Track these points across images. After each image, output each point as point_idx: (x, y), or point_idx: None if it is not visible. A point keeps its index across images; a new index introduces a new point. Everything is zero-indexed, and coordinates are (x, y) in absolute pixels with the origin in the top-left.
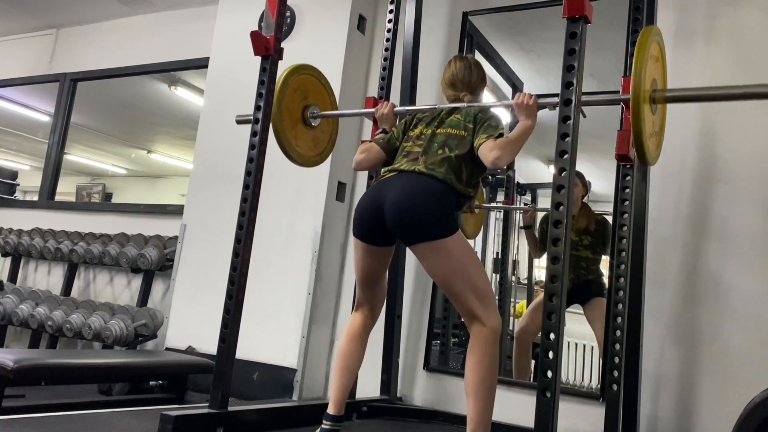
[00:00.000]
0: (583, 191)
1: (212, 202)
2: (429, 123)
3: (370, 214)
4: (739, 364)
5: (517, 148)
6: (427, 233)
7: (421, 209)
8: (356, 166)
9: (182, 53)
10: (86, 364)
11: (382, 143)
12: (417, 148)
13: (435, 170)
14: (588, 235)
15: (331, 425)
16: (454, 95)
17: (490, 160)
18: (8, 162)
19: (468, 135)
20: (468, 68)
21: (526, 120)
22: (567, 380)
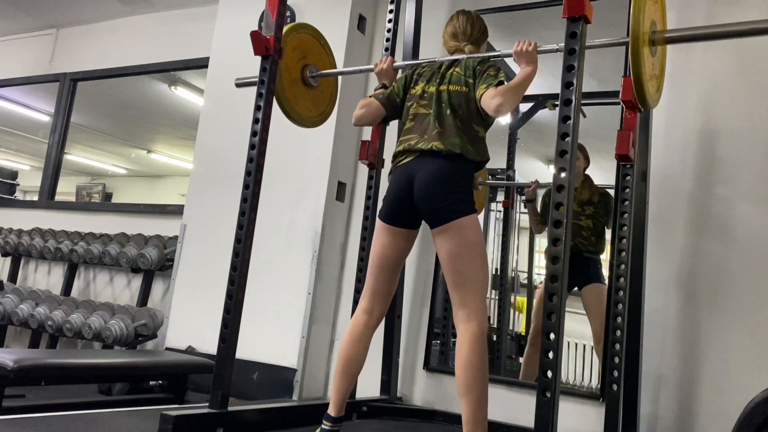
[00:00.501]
0: (585, 164)
1: (212, 202)
2: (430, 79)
3: (404, 195)
4: (739, 365)
5: (519, 94)
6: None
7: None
8: (356, 121)
9: (182, 53)
10: (86, 364)
11: (382, 99)
12: (423, 109)
13: (451, 145)
14: (591, 206)
15: (332, 426)
16: (456, 46)
17: (492, 107)
18: (8, 162)
19: (470, 91)
20: (470, 21)
21: (526, 66)
22: (567, 380)
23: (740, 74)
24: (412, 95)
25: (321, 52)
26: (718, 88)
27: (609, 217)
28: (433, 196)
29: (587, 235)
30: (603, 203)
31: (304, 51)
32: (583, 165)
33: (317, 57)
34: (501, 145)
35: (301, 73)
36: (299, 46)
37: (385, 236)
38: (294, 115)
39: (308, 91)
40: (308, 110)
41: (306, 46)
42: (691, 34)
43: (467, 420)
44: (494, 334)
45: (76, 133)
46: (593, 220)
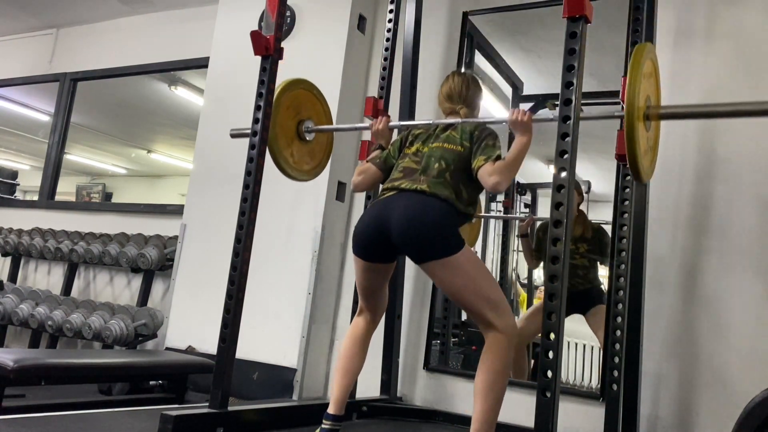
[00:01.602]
0: (579, 199)
1: (212, 202)
2: (425, 140)
3: (374, 233)
4: (739, 364)
5: (515, 169)
6: (436, 252)
7: (428, 229)
8: (354, 188)
9: (182, 53)
10: (86, 364)
11: (379, 163)
12: (414, 164)
13: (437, 189)
14: (584, 243)
15: (332, 425)
16: (451, 108)
17: (490, 185)
18: (8, 162)
19: (465, 151)
20: (465, 83)
21: (521, 137)
22: (567, 380)
23: (740, 74)
24: (405, 154)
25: (315, 103)
26: (718, 88)
27: (604, 253)
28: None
29: (583, 273)
30: (597, 239)
31: (298, 107)
32: (577, 200)
33: (312, 109)
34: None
35: (296, 128)
36: (293, 103)
37: (362, 269)
38: (292, 172)
39: (304, 146)
40: (306, 164)
41: (300, 101)
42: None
43: (477, 419)
44: None
45: (76, 132)
46: (588, 258)
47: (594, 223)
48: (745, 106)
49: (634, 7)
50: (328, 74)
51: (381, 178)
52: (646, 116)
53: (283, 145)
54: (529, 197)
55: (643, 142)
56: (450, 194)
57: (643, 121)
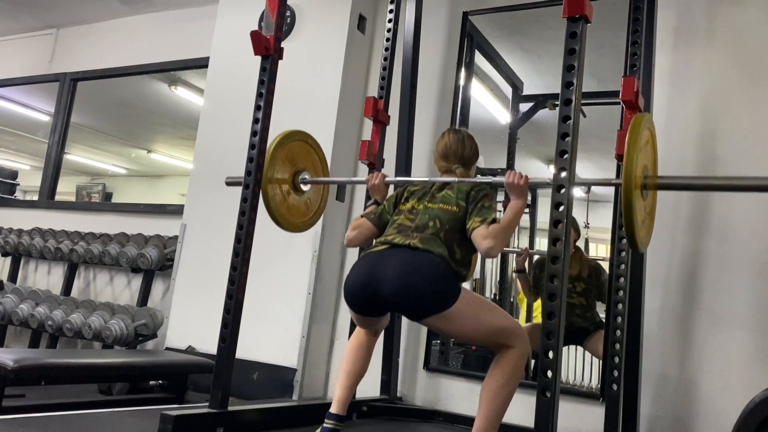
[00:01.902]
0: (576, 236)
1: (212, 202)
2: (421, 197)
3: (366, 291)
4: (739, 364)
5: (510, 233)
6: (433, 308)
7: (422, 288)
8: (348, 243)
9: (182, 53)
10: (86, 364)
11: (374, 218)
12: (408, 222)
13: (429, 246)
14: (581, 282)
15: (334, 424)
16: (446, 167)
17: (483, 249)
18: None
19: (460, 211)
20: (461, 141)
21: (516, 200)
22: (567, 380)
23: (740, 74)
24: (400, 210)
25: (310, 152)
26: (718, 89)
27: (601, 292)
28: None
29: (581, 312)
30: (594, 278)
31: (293, 159)
32: (574, 237)
33: (307, 159)
34: (501, 144)
35: (292, 181)
36: (288, 155)
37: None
38: (289, 226)
39: (300, 197)
40: (302, 215)
41: (294, 153)
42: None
43: (481, 420)
44: None
45: (76, 132)
46: (585, 297)
47: (591, 259)
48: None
49: (634, 7)
50: (328, 74)
51: (375, 234)
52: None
53: (280, 201)
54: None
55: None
56: (443, 252)
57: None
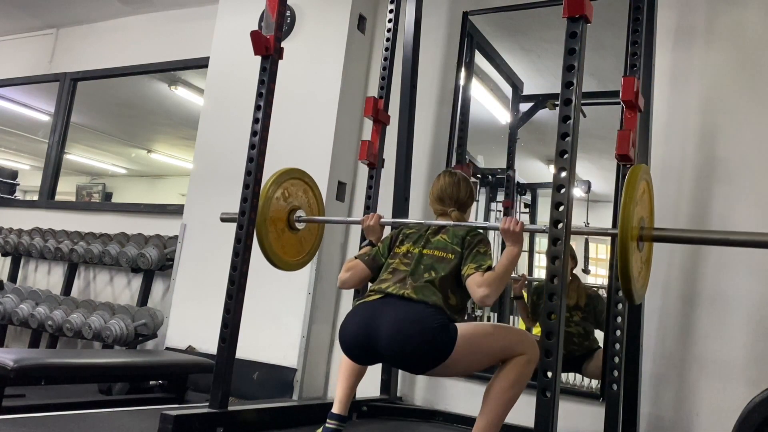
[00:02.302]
0: (573, 264)
1: (212, 202)
2: (416, 241)
3: (363, 345)
4: (739, 364)
5: (505, 281)
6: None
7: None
8: (341, 284)
9: (182, 53)
10: (86, 364)
11: (368, 260)
12: (403, 267)
13: (424, 295)
14: (578, 311)
15: (336, 424)
16: (442, 209)
17: (478, 297)
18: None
19: (455, 258)
20: (456, 184)
21: (512, 246)
22: (567, 380)
23: (740, 74)
24: (395, 253)
25: (307, 190)
26: (718, 88)
27: (599, 320)
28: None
29: (579, 341)
30: (591, 307)
31: (288, 197)
32: (571, 265)
33: (302, 197)
34: (501, 144)
35: (287, 218)
36: (283, 194)
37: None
38: (281, 264)
39: (295, 235)
40: (296, 254)
41: (290, 190)
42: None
43: (482, 419)
44: None
45: (76, 132)
46: (583, 326)
47: (589, 288)
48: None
49: (634, 7)
50: (328, 74)
51: (369, 277)
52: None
53: (274, 238)
54: (529, 197)
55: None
56: (438, 300)
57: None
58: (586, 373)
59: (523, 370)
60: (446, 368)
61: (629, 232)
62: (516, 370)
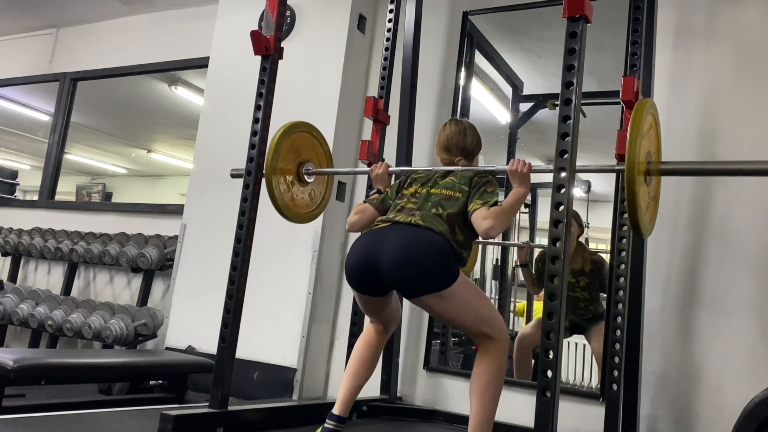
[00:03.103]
0: (579, 231)
1: (212, 202)
2: (424, 183)
3: (366, 267)
4: (738, 364)
5: (510, 217)
6: (431, 287)
7: (422, 264)
8: (350, 227)
9: (182, 53)
10: (86, 364)
11: (377, 204)
12: (411, 204)
13: (431, 224)
14: (584, 276)
15: (335, 425)
16: (449, 159)
17: (482, 229)
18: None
19: (462, 197)
20: (463, 132)
21: (519, 187)
22: (567, 380)
23: (740, 74)
24: (403, 194)
25: (315, 143)
26: (718, 88)
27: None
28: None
29: (584, 306)
30: (596, 271)
31: (298, 150)
32: (577, 232)
33: (311, 150)
34: (501, 144)
35: (297, 171)
36: (293, 146)
37: (359, 298)
38: (293, 216)
39: (305, 188)
40: (306, 206)
41: (299, 143)
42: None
43: (474, 419)
44: None
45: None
46: (588, 291)
47: (593, 253)
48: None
49: (634, 7)
50: (328, 74)
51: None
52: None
53: (284, 190)
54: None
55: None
56: (445, 230)
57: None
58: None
59: (500, 360)
60: (438, 301)
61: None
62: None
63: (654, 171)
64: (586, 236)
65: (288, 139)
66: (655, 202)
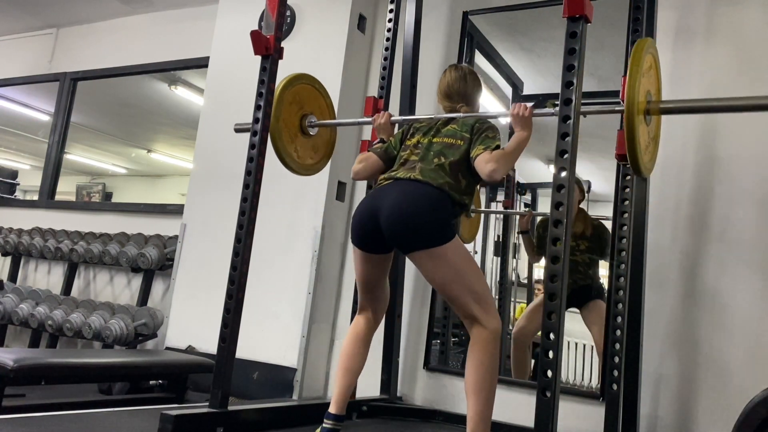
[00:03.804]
0: (580, 196)
1: (212, 202)
2: (426, 132)
3: (367, 222)
4: (738, 364)
5: (513, 160)
6: (423, 241)
7: (417, 218)
8: (354, 175)
9: (182, 53)
10: (86, 364)
11: (380, 152)
12: (414, 156)
13: (431, 177)
14: (585, 240)
15: (333, 424)
16: (450, 106)
17: (486, 172)
18: (8, 161)
19: (464, 144)
20: (463, 78)
21: (521, 131)
22: (567, 380)
23: (740, 74)
24: (406, 146)
25: (318, 97)
26: (718, 88)
27: (605, 250)
28: (403, 217)
29: (584, 270)
30: (597, 236)
31: (301, 102)
32: (579, 197)
33: (314, 103)
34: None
35: (299, 123)
36: (296, 98)
37: (361, 260)
38: (296, 167)
39: (308, 140)
40: (309, 158)
41: (302, 95)
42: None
43: (472, 419)
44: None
45: (76, 132)
46: (589, 254)
47: (594, 219)
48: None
49: (634, 7)
50: (328, 74)
51: (381, 168)
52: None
53: (287, 141)
54: (529, 197)
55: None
56: (444, 182)
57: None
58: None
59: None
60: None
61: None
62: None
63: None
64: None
65: (290, 91)
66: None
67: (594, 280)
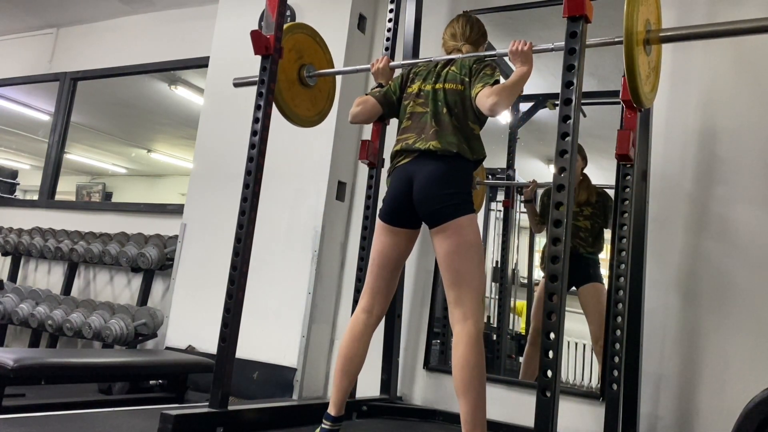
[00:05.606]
0: (583, 164)
1: (212, 202)
2: (426, 77)
3: (402, 196)
4: (738, 364)
5: (514, 94)
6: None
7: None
8: (352, 118)
9: (182, 53)
10: (86, 364)
11: (378, 96)
12: (420, 108)
13: (447, 144)
14: (588, 206)
15: (331, 425)
16: (454, 45)
17: (487, 106)
18: (8, 161)
19: (466, 89)
20: (470, 23)
21: (521, 66)
22: (567, 380)
23: (740, 74)
24: (408, 94)
25: (317, 50)
26: (718, 88)
27: (607, 217)
28: (432, 198)
29: (585, 236)
30: (601, 204)
31: (300, 51)
32: (581, 165)
33: (314, 55)
34: (501, 144)
35: (298, 73)
36: (295, 46)
37: (386, 236)
38: (293, 116)
39: (306, 91)
40: (307, 110)
41: (302, 45)
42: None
43: (466, 419)
44: (494, 333)
45: (76, 132)
46: (591, 221)
47: (598, 187)
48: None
49: None
50: None
51: (379, 112)
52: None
53: (284, 88)
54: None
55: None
56: (459, 143)
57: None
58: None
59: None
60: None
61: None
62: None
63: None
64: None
65: (290, 38)
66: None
67: (595, 250)
